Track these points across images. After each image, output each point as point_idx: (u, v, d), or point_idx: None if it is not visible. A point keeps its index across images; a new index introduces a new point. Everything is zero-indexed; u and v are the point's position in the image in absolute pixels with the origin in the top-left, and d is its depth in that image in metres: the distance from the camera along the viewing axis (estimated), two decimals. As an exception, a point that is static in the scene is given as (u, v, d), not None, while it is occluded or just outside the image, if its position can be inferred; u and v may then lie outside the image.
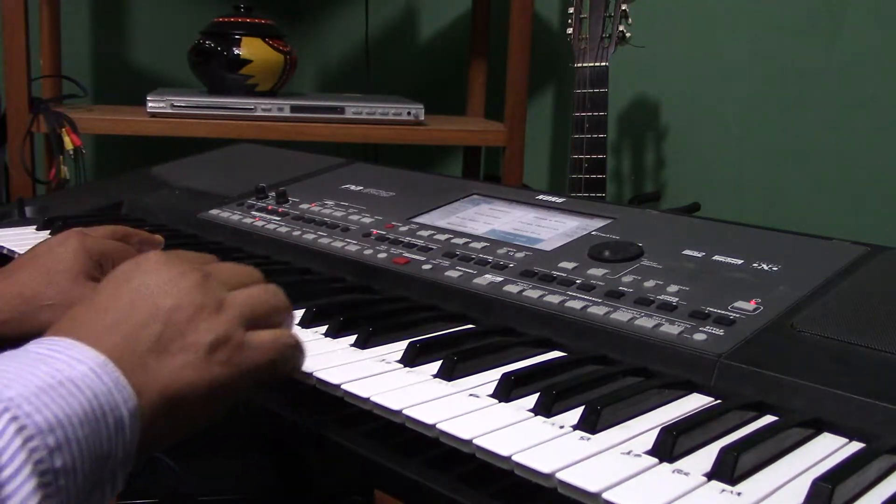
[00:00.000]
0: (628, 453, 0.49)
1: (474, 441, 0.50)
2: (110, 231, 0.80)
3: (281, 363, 0.57)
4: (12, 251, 0.93)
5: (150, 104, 1.63)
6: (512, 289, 0.73)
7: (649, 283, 0.71)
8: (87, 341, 0.47)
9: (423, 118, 1.75)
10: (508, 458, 0.48)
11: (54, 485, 0.42)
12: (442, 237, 0.87)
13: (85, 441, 0.43)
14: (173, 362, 0.50)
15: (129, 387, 0.47)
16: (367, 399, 0.56)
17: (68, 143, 1.55)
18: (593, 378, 0.59)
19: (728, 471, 0.46)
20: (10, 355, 0.46)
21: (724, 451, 0.47)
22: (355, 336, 0.67)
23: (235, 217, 1.02)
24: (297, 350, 0.59)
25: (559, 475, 0.46)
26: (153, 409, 0.48)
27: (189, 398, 0.50)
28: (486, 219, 0.92)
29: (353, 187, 1.07)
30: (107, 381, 0.46)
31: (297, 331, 0.63)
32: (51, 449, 0.42)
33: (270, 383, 0.58)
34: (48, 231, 1.01)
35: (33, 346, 0.47)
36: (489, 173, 2.08)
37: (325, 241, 0.91)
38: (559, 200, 0.93)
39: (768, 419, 0.56)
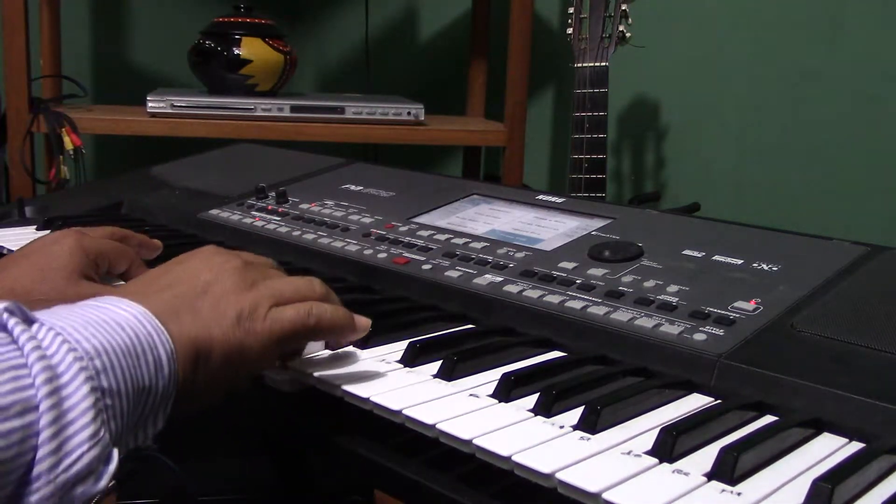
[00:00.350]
0: (628, 453, 0.49)
1: (474, 441, 0.50)
2: (109, 232, 0.81)
3: (303, 332, 0.59)
4: (12, 251, 0.93)
5: (150, 104, 1.63)
6: (512, 289, 0.73)
7: (649, 283, 0.71)
8: (132, 299, 0.53)
9: (423, 118, 1.75)
10: (508, 458, 0.48)
11: (102, 401, 0.46)
12: (442, 237, 0.87)
13: (128, 370, 0.48)
14: (204, 320, 0.55)
15: (167, 333, 0.52)
16: (367, 399, 0.56)
17: (68, 143, 1.55)
18: (593, 378, 0.59)
19: (728, 471, 0.46)
20: (63, 306, 0.51)
21: (724, 451, 0.47)
22: (355, 336, 0.67)
23: (235, 217, 1.02)
24: (322, 320, 0.60)
25: (559, 475, 0.46)
26: (184, 356, 0.53)
27: (214, 353, 0.54)
28: (486, 219, 0.92)
29: (353, 187, 1.07)
30: (147, 326, 0.51)
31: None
32: (98, 370, 0.46)
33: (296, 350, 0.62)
34: (48, 231, 1.01)
35: (84, 301, 0.52)
36: (489, 173, 2.08)
37: (325, 241, 0.91)
38: (559, 200, 0.93)
39: (768, 419, 0.56)
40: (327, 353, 0.64)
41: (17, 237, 0.99)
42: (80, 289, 0.72)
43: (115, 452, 0.46)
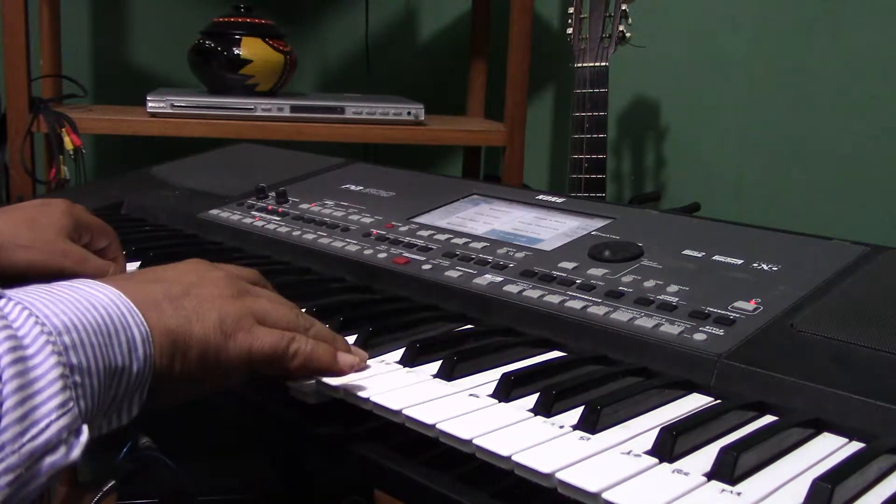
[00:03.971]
0: (628, 453, 0.49)
1: (474, 441, 0.50)
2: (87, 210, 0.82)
3: (279, 361, 0.57)
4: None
5: (150, 104, 1.63)
6: (512, 289, 0.73)
7: (649, 283, 0.71)
8: (110, 283, 0.52)
9: (423, 118, 1.75)
10: (508, 458, 0.48)
11: (71, 378, 0.45)
12: (442, 237, 0.87)
13: (99, 349, 0.47)
14: (185, 316, 0.54)
15: (142, 316, 0.51)
16: (367, 399, 0.56)
17: (68, 143, 1.55)
18: (593, 378, 0.59)
19: (728, 471, 0.46)
20: (36, 285, 0.50)
21: (723, 451, 0.47)
22: (355, 336, 0.67)
23: (235, 217, 1.02)
24: (299, 357, 0.58)
25: (559, 475, 0.46)
26: (161, 344, 0.52)
27: (192, 350, 0.53)
28: (486, 219, 0.92)
29: (353, 187, 1.07)
30: (121, 307, 0.50)
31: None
32: (66, 346, 0.45)
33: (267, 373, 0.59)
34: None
35: (58, 282, 0.51)
36: (489, 173, 2.08)
37: (325, 241, 0.91)
38: (559, 200, 0.93)
39: (768, 419, 0.56)
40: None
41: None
42: (67, 246, 0.73)
43: (86, 427, 0.45)
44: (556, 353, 0.67)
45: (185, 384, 0.54)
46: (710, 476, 0.47)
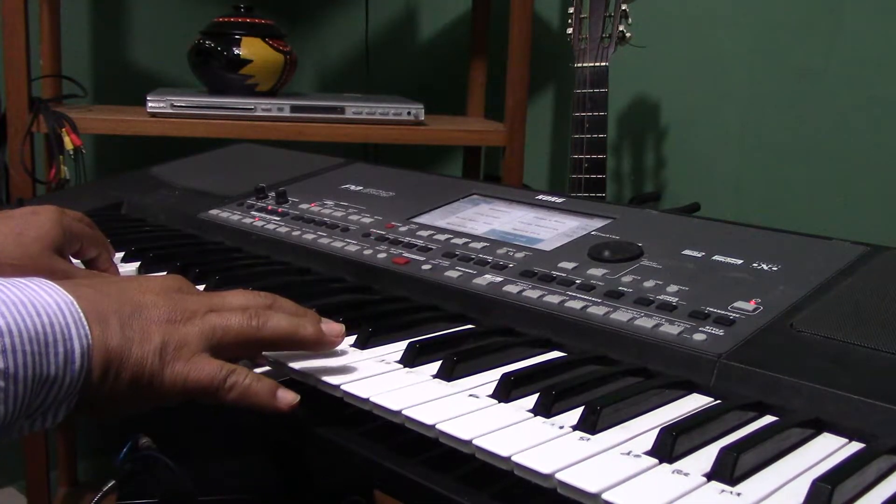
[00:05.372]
0: (628, 453, 0.49)
1: (474, 441, 0.50)
2: (79, 216, 0.81)
3: (214, 393, 0.57)
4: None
5: (150, 104, 1.63)
6: (512, 289, 0.73)
7: (649, 283, 0.71)
8: (68, 288, 0.52)
9: (423, 118, 1.75)
10: (508, 459, 0.48)
11: None
12: (442, 237, 0.87)
13: (31, 356, 0.47)
14: (128, 334, 0.54)
15: (89, 328, 0.51)
16: (367, 399, 0.56)
17: (68, 143, 1.55)
18: (593, 378, 0.59)
19: (728, 471, 0.46)
20: None
21: (723, 452, 0.47)
22: (355, 336, 0.67)
23: (235, 217, 1.02)
24: (235, 391, 0.57)
25: (559, 475, 0.46)
26: (97, 362, 0.51)
27: (124, 372, 0.53)
28: (485, 219, 0.92)
29: (353, 187, 1.07)
30: (67, 317, 0.50)
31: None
32: None
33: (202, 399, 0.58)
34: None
35: (14, 278, 0.51)
36: (489, 173, 2.08)
37: (325, 241, 0.91)
38: (559, 200, 0.93)
39: (768, 419, 0.56)
40: (326, 352, 0.64)
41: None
42: (53, 262, 0.72)
43: None
44: (556, 353, 0.67)
45: (113, 402, 0.54)
46: (710, 476, 0.47)
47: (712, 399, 0.59)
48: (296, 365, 0.62)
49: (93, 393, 0.52)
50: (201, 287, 0.78)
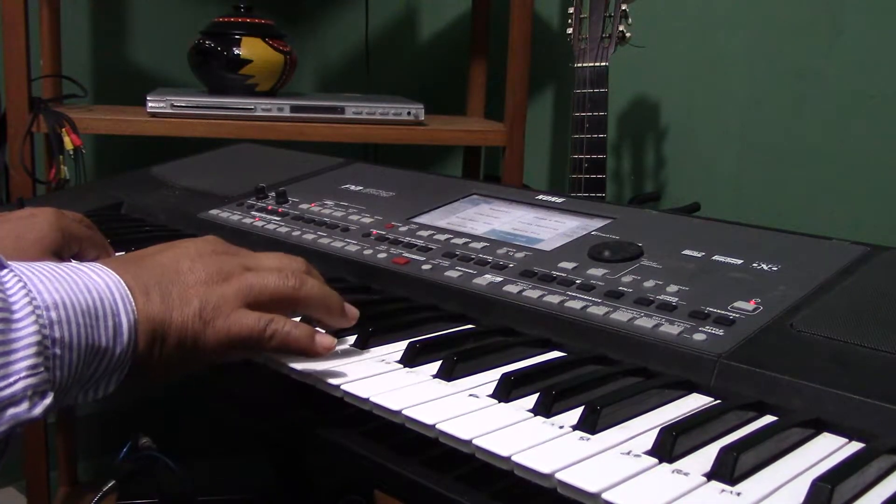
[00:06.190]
0: (628, 453, 0.49)
1: (474, 441, 0.50)
2: (79, 218, 0.82)
3: (256, 343, 0.60)
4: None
5: (150, 104, 1.63)
6: (512, 289, 0.73)
7: (649, 283, 0.71)
8: (113, 267, 0.56)
9: (423, 118, 1.75)
10: (508, 459, 0.48)
11: (51, 349, 0.49)
12: (442, 237, 0.87)
13: (84, 328, 0.51)
14: (168, 304, 0.57)
15: (134, 304, 0.55)
16: (367, 399, 0.56)
17: (68, 143, 1.55)
18: (593, 378, 0.59)
19: (728, 471, 0.46)
20: (47, 263, 0.53)
21: (723, 451, 0.47)
22: (355, 336, 0.67)
23: (235, 217, 1.02)
24: (276, 338, 0.60)
25: (559, 475, 0.46)
26: (143, 332, 0.55)
27: (170, 337, 0.56)
28: (485, 219, 0.92)
29: (353, 187, 1.07)
30: (115, 294, 0.54)
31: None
32: (52, 321, 0.49)
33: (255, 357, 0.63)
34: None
35: (67, 262, 0.55)
36: (489, 173, 2.08)
37: (325, 241, 0.91)
38: (559, 200, 0.93)
39: (768, 419, 0.56)
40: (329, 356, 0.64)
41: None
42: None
43: (52, 393, 0.49)
44: (555, 353, 0.67)
45: (163, 367, 0.57)
46: (710, 476, 0.47)
47: (712, 399, 0.59)
48: (296, 365, 0.62)
49: (143, 361, 0.55)
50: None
